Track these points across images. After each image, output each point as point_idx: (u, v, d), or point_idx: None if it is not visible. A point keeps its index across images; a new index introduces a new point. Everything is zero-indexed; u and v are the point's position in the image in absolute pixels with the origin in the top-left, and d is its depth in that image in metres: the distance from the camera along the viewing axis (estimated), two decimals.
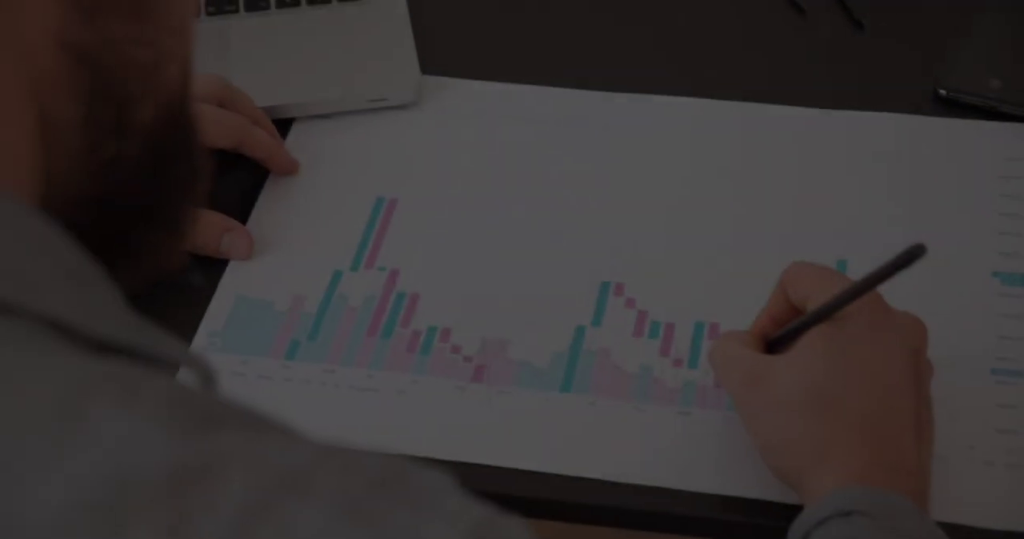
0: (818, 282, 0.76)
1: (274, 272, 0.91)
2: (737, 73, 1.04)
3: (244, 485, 0.36)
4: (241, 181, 0.97)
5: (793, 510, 0.73)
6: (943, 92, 1.00)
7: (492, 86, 1.03)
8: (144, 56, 0.44)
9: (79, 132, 0.43)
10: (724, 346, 0.78)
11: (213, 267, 0.91)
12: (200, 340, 0.87)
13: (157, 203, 0.48)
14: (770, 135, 0.99)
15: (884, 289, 0.75)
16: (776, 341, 0.78)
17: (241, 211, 0.94)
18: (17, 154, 0.41)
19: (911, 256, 0.71)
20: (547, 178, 0.96)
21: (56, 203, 0.43)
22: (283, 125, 1.00)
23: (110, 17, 0.43)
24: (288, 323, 0.88)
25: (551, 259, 0.91)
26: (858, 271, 0.89)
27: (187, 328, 0.88)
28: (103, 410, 0.37)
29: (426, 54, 1.04)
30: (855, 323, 0.74)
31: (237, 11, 1.07)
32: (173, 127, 0.47)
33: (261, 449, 0.37)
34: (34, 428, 0.37)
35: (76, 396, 0.37)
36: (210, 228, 0.90)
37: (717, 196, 0.95)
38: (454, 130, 1.00)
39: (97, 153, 0.44)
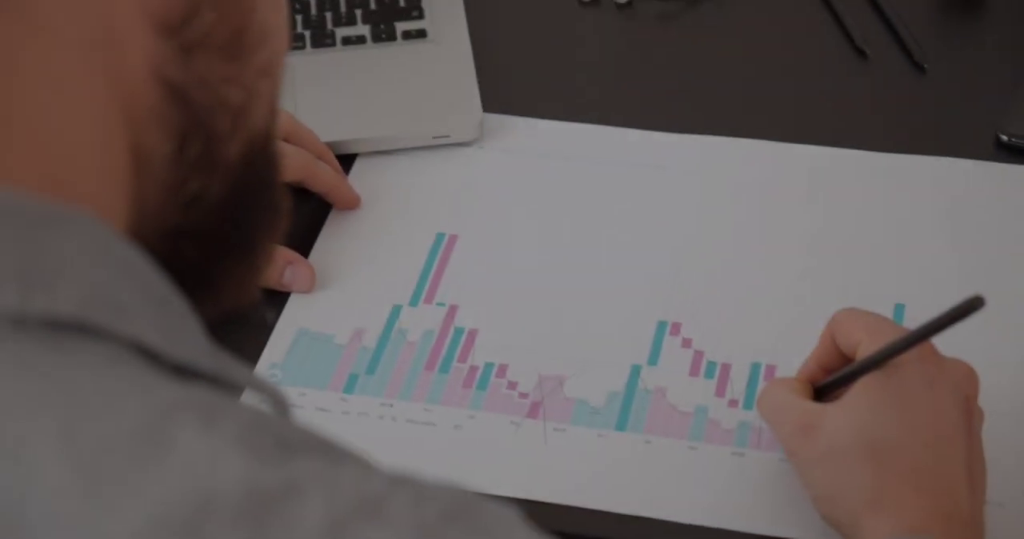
0: (869, 330, 0.76)
1: (335, 306, 0.92)
2: (799, 115, 1.04)
3: (322, 509, 0.37)
4: (304, 215, 0.98)
5: None
6: (1004, 138, 1.00)
7: (552, 125, 1.04)
8: (234, 95, 0.46)
9: (169, 166, 0.45)
10: (772, 394, 0.78)
11: (275, 299, 0.92)
12: (260, 371, 0.88)
13: (237, 238, 0.50)
14: (830, 177, 0.99)
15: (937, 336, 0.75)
16: (824, 388, 0.78)
17: (304, 244, 0.96)
18: (112, 184, 0.43)
19: (969, 308, 0.70)
20: (606, 216, 0.97)
21: (142, 234, 0.45)
22: (347, 160, 1.01)
23: (206, 57, 0.44)
24: (347, 357, 0.89)
25: (609, 297, 0.92)
26: (915, 315, 0.89)
27: (248, 359, 0.89)
28: (187, 434, 0.38)
29: (488, 92, 1.05)
30: (907, 372, 0.73)
31: (304, 48, 1.08)
32: (256, 165, 0.48)
33: (338, 475, 0.39)
34: (121, 449, 0.38)
35: (161, 420, 0.38)
36: (273, 261, 0.91)
37: (776, 237, 0.95)
38: (514, 168, 1.01)
39: (184, 187, 0.45)
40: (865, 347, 0.75)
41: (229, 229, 0.49)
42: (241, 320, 0.91)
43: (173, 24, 0.43)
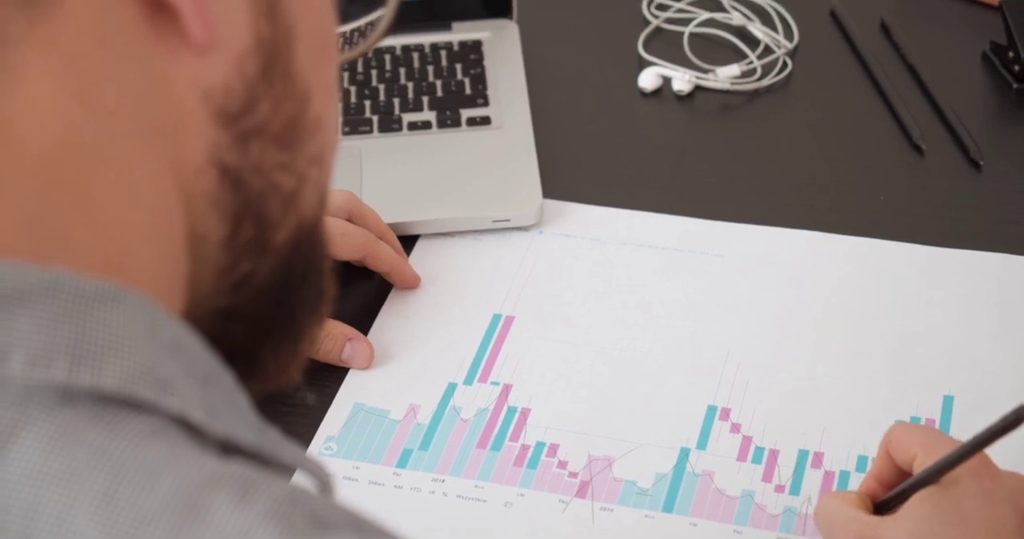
0: (924, 444, 0.76)
1: (392, 382, 0.94)
2: (855, 208, 1.06)
3: None
4: (366, 293, 1.00)
5: None
6: None
7: (610, 211, 1.06)
8: (287, 182, 0.48)
9: (221, 249, 0.47)
10: (829, 506, 0.78)
11: (334, 374, 0.95)
12: (316, 444, 0.90)
13: (282, 320, 0.51)
14: (884, 269, 1.00)
15: (994, 453, 0.75)
16: (884, 503, 0.78)
17: (364, 322, 0.98)
18: (168, 267, 0.45)
19: (1018, 419, 0.71)
20: (660, 301, 0.99)
21: (193, 314, 0.47)
22: (409, 241, 1.04)
23: (261, 145, 0.46)
24: (402, 432, 0.91)
25: (660, 381, 0.93)
26: (964, 408, 0.90)
27: (306, 432, 0.91)
28: (221, 508, 0.39)
29: (549, 178, 1.07)
30: (963, 486, 0.74)
31: (371, 132, 1.11)
32: (304, 249, 0.50)
33: None
34: (157, 520, 0.39)
35: (197, 493, 0.40)
36: (334, 337, 0.94)
37: (827, 326, 0.96)
38: (572, 252, 1.03)
39: (234, 270, 0.47)
40: (921, 461, 0.76)
41: (275, 311, 0.50)
42: (283, 400, 0.93)
43: (232, 114, 0.45)
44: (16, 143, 0.41)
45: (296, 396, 0.93)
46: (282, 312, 0.51)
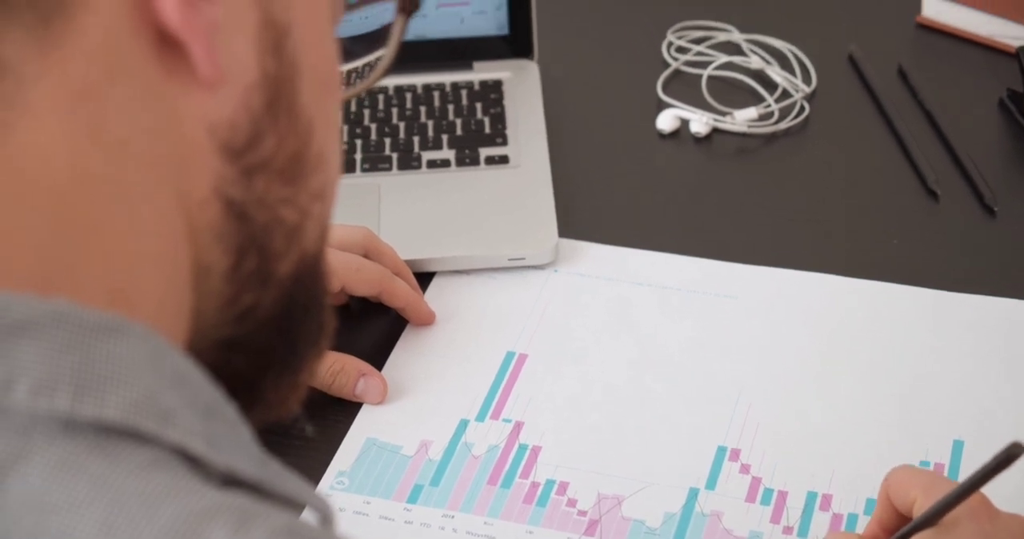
0: (924, 487, 0.76)
1: (404, 417, 0.95)
2: (868, 252, 1.07)
3: None
4: (380, 329, 1.01)
5: None
6: None
7: (625, 251, 1.07)
8: (291, 216, 0.49)
9: (225, 281, 0.47)
10: None
11: (348, 409, 0.95)
12: (328, 478, 0.91)
13: (283, 351, 0.52)
14: (895, 313, 1.01)
15: (990, 489, 0.75)
16: None
17: (379, 357, 0.99)
18: (173, 298, 0.46)
19: (1010, 456, 0.71)
20: (673, 341, 0.99)
21: (196, 345, 0.48)
22: (426, 277, 1.05)
23: (266, 179, 0.47)
24: (413, 467, 0.91)
25: (671, 421, 0.94)
26: (974, 452, 0.90)
27: (317, 466, 0.92)
28: (219, 535, 0.40)
29: (565, 217, 1.08)
30: (963, 527, 0.73)
31: (390, 169, 1.13)
32: (306, 282, 0.51)
33: None
34: None
35: (194, 523, 0.40)
36: (347, 372, 0.94)
37: (838, 369, 0.97)
38: (586, 291, 1.04)
39: (237, 301, 0.48)
40: (920, 505, 0.75)
41: (277, 343, 0.51)
42: (295, 433, 0.94)
43: (238, 148, 0.46)
44: (27, 178, 0.42)
45: (305, 428, 0.94)
46: (284, 343, 0.52)
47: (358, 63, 0.56)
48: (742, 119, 1.19)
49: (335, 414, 0.95)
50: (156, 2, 0.43)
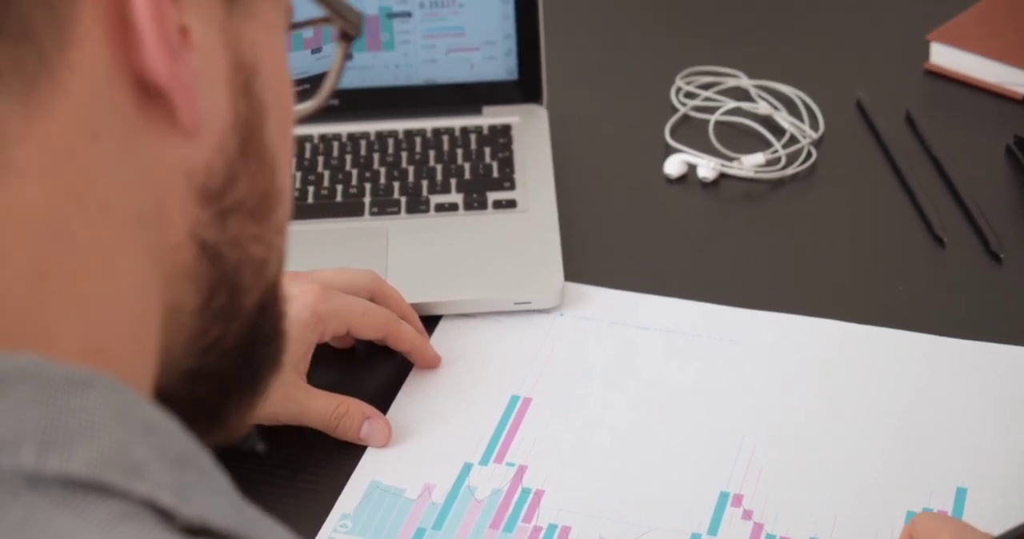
0: (952, 533, 0.75)
1: (408, 461, 0.95)
2: (873, 298, 1.07)
3: None
4: (386, 372, 1.02)
5: None
6: None
7: (631, 296, 1.07)
8: (258, 252, 0.49)
9: (195, 318, 0.48)
10: None
11: (352, 452, 0.96)
12: (331, 521, 0.91)
13: (247, 378, 0.53)
14: (900, 359, 1.01)
15: None
16: None
17: (384, 400, 0.99)
18: (145, 344, 0.46)
19: None
20: (676, 386, 1.00)
21: (161, 379, 0.48)
22: (432, 321, 1.05)
23: (239, 219, 0.48)
24: (416, 511, 0.92)
25: (674, 465, 0.94)
26: (977, 500, 0.90)
27: (321, 508, 0.92)
28: None
29: (571, 261, 1.09)
30: None
31: (399, 213, 1.13)
32: (269, 311, 0.52)
33: None
34: None
35: None
36: (352, 415, 0.95)
37: (842, 415, 0.97)
38: (591, 335, 1.04)
39: (206, 335, 0.49)
40: None
41: (241, 371, 0.52)
42: (317, 471, 0.94)
43: (214, 192, 0.47)
44: (5, 236, 0.42)
45: (315, 472, 0.94)
46: (247, 371, 0.52)
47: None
48: (749, 164, 1.19)
49: (339, 457, 0.95)
50: (143, 57, 0.44)
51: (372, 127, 1.21)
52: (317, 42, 1.20)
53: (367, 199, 1.15)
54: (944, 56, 1.30)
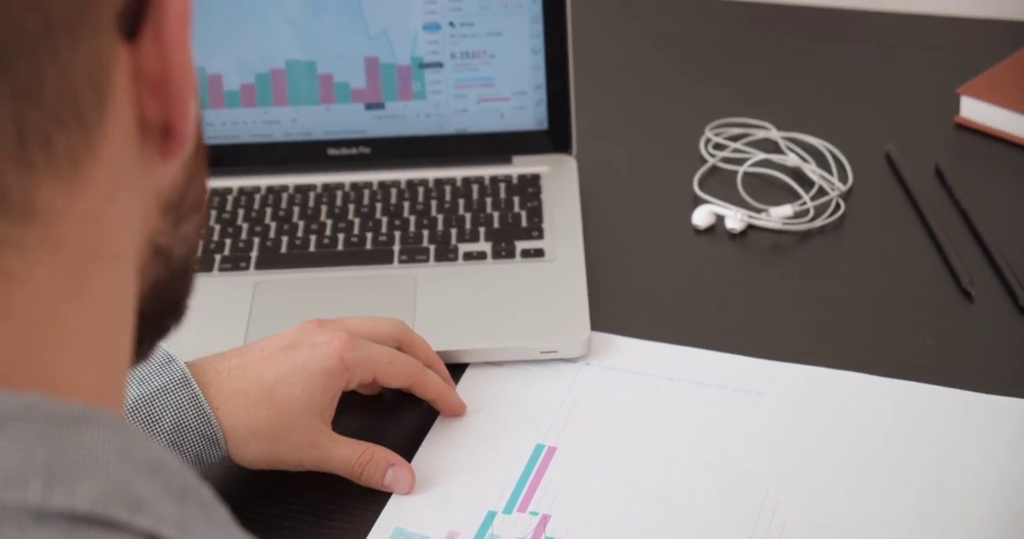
0: None
1: (432, 508, 0.95)
2: (900, 351, 1.07)
3: None
4: (412, 419, 1.02)
5: None
6: None
7: (657, 346, 1.07)
8: (198, 236, 0.53)
9: (145, 301, 0.51)
10: None
11: (377, 498, 0.96)
12: None
13: (183, 291, 0.55)
14: (927, 414, 1.01)
15: None
16: None
17: (409, 448, 0.99)
18: (126, 343, 0.48)
19: None
20: (701, 438, 1.00)
21: None
22: (459, 368, 1.06)
23: (190, 218, 0.50)
24: None
25: (698, 518, 0.94)
26: None
27: None
28: None
29: (598, 311, 1.09)
30: None
31: (427, 261, 1.14)
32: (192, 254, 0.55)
33: None
34: None
35: None
36: (376, 462, 0.95)
37: (867, 469, 0.97)
38: (617, 385, 1.04)
39: (150, 299, 0.51)
40: None
41: (181, 290, 0.54)
42: (339, 517, 0.94)
43: (174, 204, 0.49)
44: (43, 306, 0.44)
45: (340, 518, 0.95)
46: (184, 288, 0.54)
47: None
48: (777, 216, 1.20)
49: (364, 503, 0.96)
50: (169, 104, 0.45)
51: (403, 175, 1.22)
52: (375, 96, 1.22)
53: (396, 247, 1.16)
54: (974, 110, 1.30)
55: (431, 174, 1.22)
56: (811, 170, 1.25)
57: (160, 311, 0.53)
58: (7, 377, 0.44)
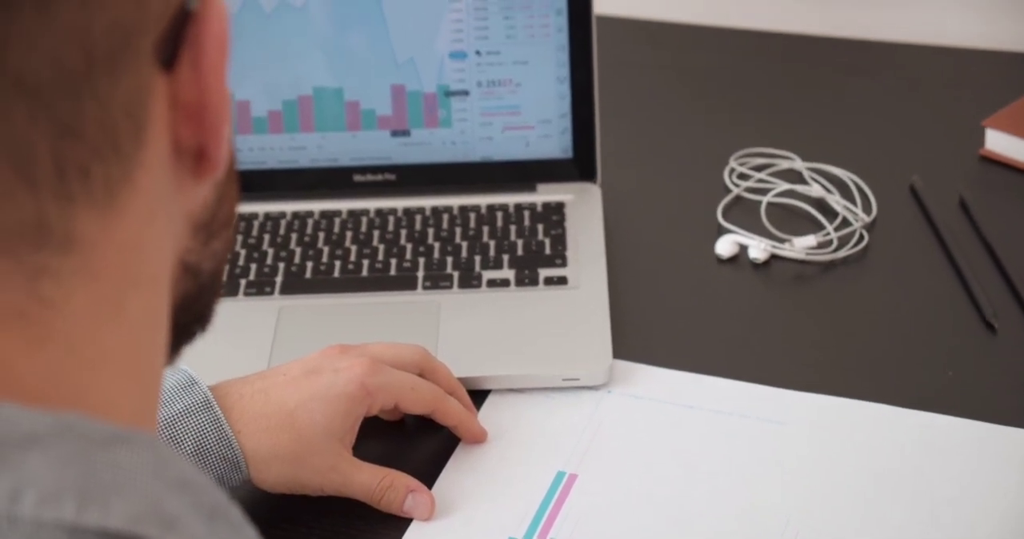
0: None
1: (453, 535, 0.96)
2: (922, 383, 1.07)
3: None
4: (433, 446, 1.03)
5: None
6: None
7: (679, 375, 1.08)
8: (226, 251, 0.54)
9: (174, 314, 0.51)
10: None
11: (397, 524, 0.96)
12: None
13: (205, 307, 0.56)
14: (948, 446, 1.00)
15: None
16: None
17: (430, 475, 1.00)
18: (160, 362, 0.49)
19: None
20: (722, 467, 1.00)
21: None
22: (481, 395, 1.06)
23: (220, 235, 0.51)
24: None
25: None
26: None
27: None
28: None
29: (621, 339, 1.09)
30: None
31: (451, 287, 1.15)
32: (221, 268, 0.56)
33: None
34: None
35: None
36: (396, 488, 0.95)
37: (888, 500, 0.96)
38: (638, 413, 1.05)
39: (179, 313, 0.52)
40: None
41: (210, 297, 0.56)
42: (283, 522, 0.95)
43: (205, 223, 0.50)
44: (83, 333, 0.45)
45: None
46: (214, 294, 0.56)
47: None
48: (801, 246, 1.20)
49: (384, 529, 0.96)
50: (204, 131, 0.46)
51: (428, 202, 1.23)
52: (401, 124, 1.22)
53: (420, 273, 1.16)
54: (999, 142, 1.30)
55: (456, 201, 1.23)
56: (835, 201, 1.25)
57: (188, 321, 0.54)
58: (46, 398, 0.44)
